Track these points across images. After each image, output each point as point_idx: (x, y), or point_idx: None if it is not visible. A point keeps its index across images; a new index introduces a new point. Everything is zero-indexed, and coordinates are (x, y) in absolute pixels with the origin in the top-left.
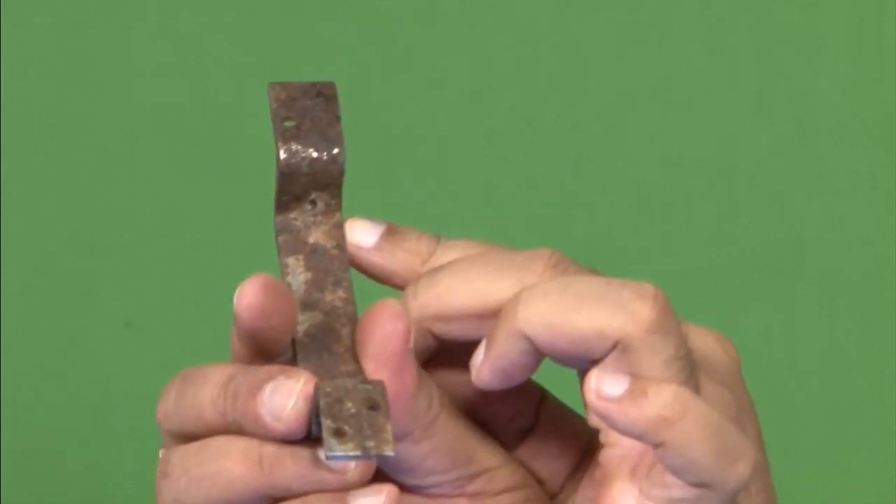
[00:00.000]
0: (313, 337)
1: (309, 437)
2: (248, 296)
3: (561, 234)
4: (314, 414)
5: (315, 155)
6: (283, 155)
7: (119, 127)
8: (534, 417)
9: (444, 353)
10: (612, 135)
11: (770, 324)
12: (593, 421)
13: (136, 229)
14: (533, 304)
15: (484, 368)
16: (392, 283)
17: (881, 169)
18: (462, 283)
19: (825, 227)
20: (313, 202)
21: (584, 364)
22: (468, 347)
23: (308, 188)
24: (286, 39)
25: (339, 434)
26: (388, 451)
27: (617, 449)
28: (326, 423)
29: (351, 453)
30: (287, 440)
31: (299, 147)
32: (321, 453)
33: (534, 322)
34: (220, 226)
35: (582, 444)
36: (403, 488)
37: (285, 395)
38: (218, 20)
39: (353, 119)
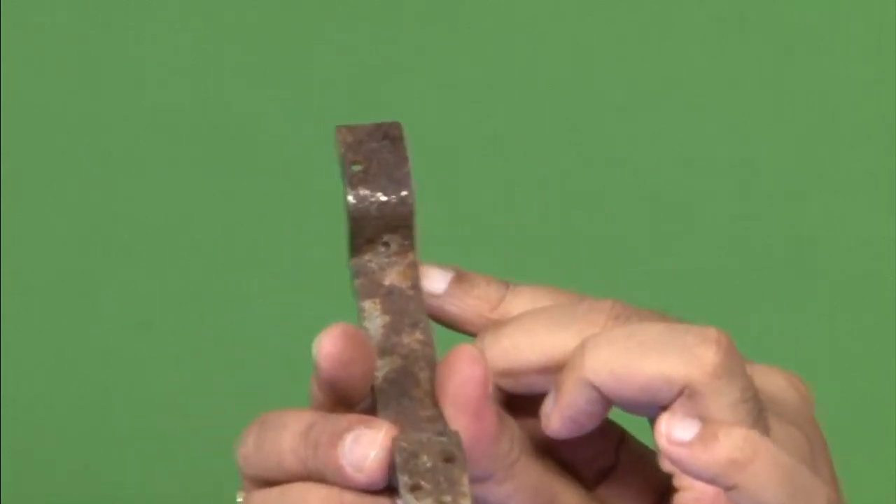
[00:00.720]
0: (392, 382)
1: (390, 486)
2: (328, 346)
3: (575, 234)
4: (393, 465)
5: (384, 199)
6: (352, 201)
7: (134, 128)
8: (614, 458)
9: (520, 397)
10: (625, 135)
11: (782, 324)
12: (666, 466)
13: (146, 230)
14: (598, 352)
15: (553, 418)
16: (462, 330)
17: None
18: (526, 338)
19: (839, 229)
20: (386, 244)
21: (652, 411)
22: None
23: (379, 231)
24: (292, 39)
25: (415, 489)
26: None
27: (690, 492)
28: (403, 480)
29: None
30: (367, 489)
31: (367, 192)
32: None
33: (600, 371)
34: (231, 226)
35: (661, 484)
36: None
37: (366, 446)
38: (225, 21)
39: (360, 119)
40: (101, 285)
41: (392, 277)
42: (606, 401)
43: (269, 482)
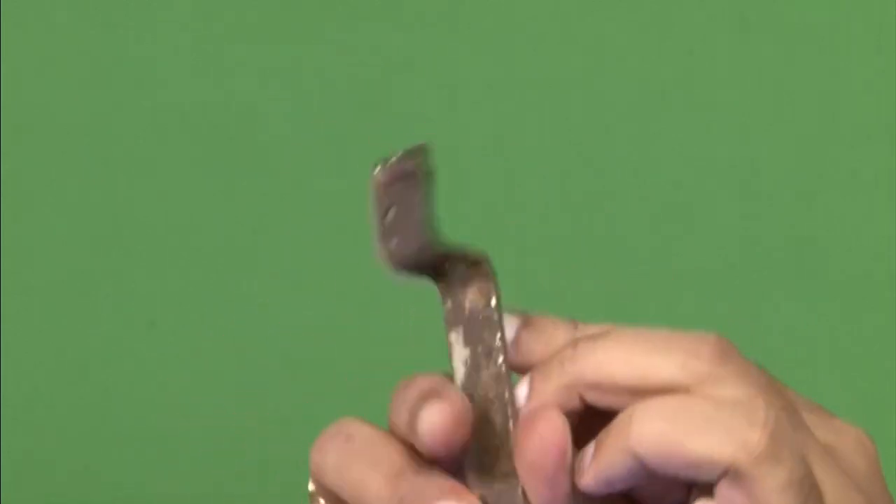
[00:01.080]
0: (473, 435)
1: None
2: (435, 426)
3: (575, 234)
4: None
5: (410, 249)
6: (384, 255)
7: (135, 128)
8: (686, 494)
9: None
10: (626, 135)
11: (782, 324)
12: None
13: (147, 230)
14: (647, 424)
15: (588, 475)
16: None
17: None
18: (623, 355)
19: (840, 229)
20: (451, 268)
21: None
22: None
23: (430, 264)
24: (292, 39)
25: None
26: None
27: None
28: None
29: None
30: None
31: (393, 246)
32: None
33: (646, 442)
34: (232, 226)
35: None
36: None
37: None
38: (225, 21)
39: (368, 119)
40: (101, 285)
41: (471, 295)
42: (646, 469)
43: (340, 501)
